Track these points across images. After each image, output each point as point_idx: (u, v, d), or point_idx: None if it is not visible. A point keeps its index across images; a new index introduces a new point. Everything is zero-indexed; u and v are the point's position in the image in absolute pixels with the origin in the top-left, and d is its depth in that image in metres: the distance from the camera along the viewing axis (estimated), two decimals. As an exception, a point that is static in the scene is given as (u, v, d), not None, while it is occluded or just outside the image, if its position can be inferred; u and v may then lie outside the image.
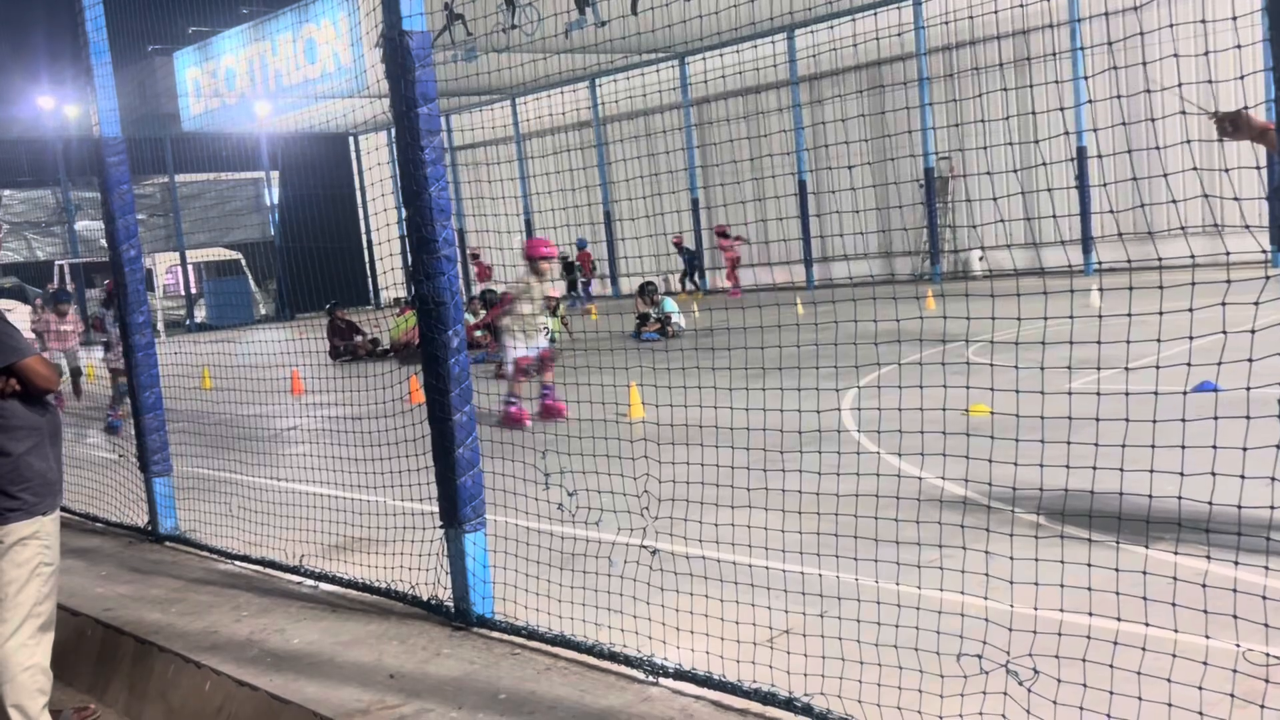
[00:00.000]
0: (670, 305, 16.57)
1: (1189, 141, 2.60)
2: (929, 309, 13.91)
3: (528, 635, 4.25)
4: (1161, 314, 2.75)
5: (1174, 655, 2.83)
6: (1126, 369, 3.37)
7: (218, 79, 36.10)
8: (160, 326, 31.45)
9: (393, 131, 4.50)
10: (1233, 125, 3.83)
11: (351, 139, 36.00)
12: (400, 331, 16.87)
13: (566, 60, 25.96)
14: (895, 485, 4.57)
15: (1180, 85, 2.75)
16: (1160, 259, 2.87)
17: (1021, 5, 18.30)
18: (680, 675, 3.69)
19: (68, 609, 5.34)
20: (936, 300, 15.30)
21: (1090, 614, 3.09)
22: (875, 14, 22.46)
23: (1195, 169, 2.70)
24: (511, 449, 5.00)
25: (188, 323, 32.18)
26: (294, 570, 5.47)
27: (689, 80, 26.63)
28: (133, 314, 6.37)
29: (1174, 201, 2.86)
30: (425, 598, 4.68)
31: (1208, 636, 2.86)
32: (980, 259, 22.87)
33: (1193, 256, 2.76)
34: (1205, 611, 2.73)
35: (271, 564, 5.64)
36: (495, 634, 4.37)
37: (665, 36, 24.63)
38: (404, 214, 4.42)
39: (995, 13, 19.04)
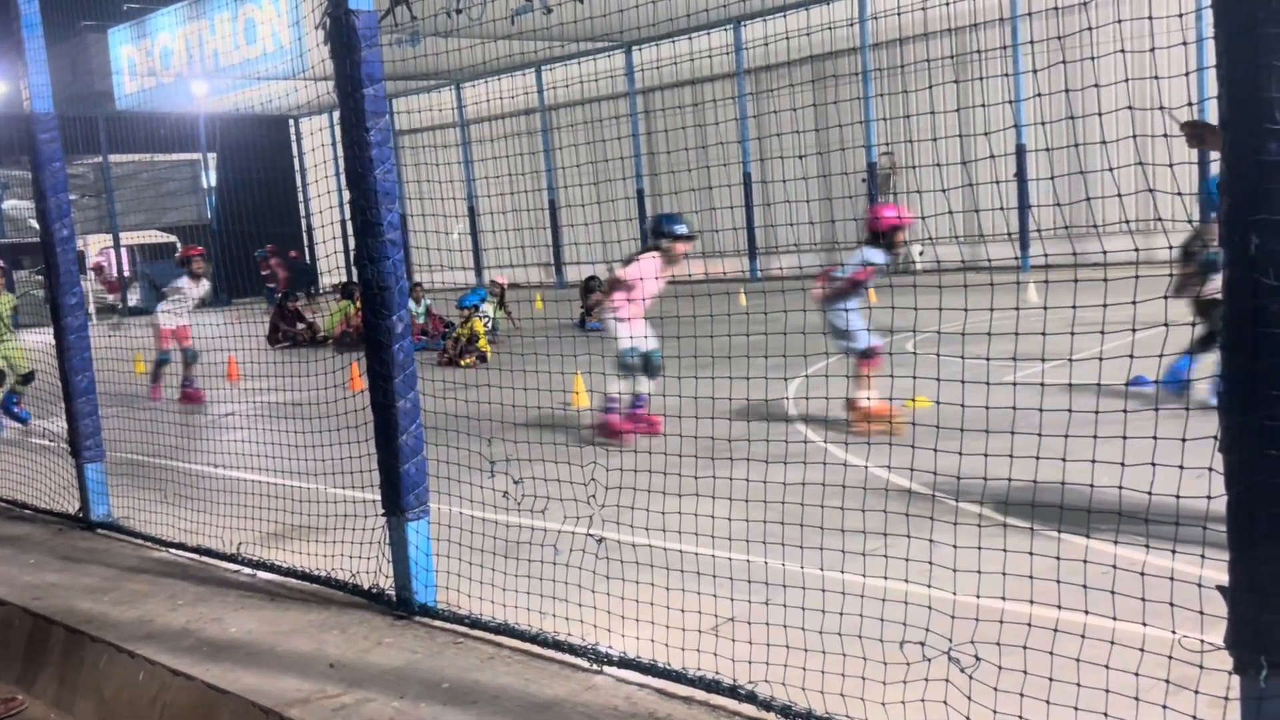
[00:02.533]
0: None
1: (1113, 141, 2.64)
2: (870, 300, 14.03)
3: (471, 624, 4.21)
4: (1106, 306, 2.79)
5: (1111, 642, 2.89)
6: (1070, 360, 3.42)
7: (153, 57, 35.28)
8: (90, 310, 30.75)
9: (335, 114, 4.43)
10: (1197, 136, 3.89)
11: (292, 122, 35.43)
12: (337, 321, 16.64)
13: (512, 46, 25.73)
14: (839, 475, 4.60)
15: (1127, 81, 2.79)
16: (1105, 253, 2.91)
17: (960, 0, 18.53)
18: (625, 664, 3.69)
19: (-6, 598, 5.20)
20: (877, 292, 15.44)
21: (1031, 602, 3.14)
22: (822, 7, 22.60)
23: (1136, 164, 2.73)
24: (455, 436, 4.94)
25: (120, 306, 31.46)
26: (231, 558, 5.37)
27: (635, 70, 26.58)
28: (65, 295, 6.20)
29: (1110, 197, 2.90)
30: (366, 586, 4.62)
31: (1145, 624, 2.92)
32: (920, 253, 23.15)
33: (1136, 250, 2.81)
34: (1143, 599, 2.78)
35: (208, 552, 5.53)
36: (438, 623, 4.33)
37: (612, 23, 24.57)
38: (348, 197, 4.35)
39: (942, 4, 19.28)
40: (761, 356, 3.96)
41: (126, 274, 32.96)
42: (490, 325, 14.64)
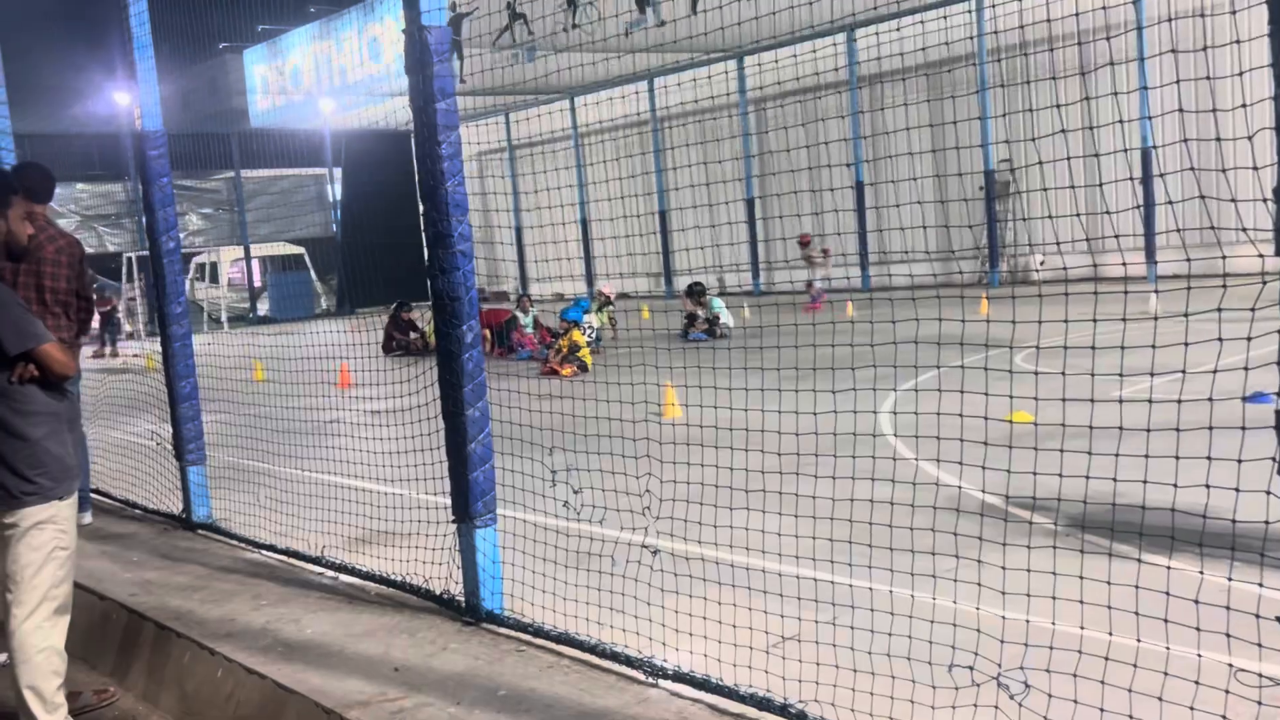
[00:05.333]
0: (718, 305, 16.49)
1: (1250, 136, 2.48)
2: (982, 313, 13.69)
3: (533, 632, 4.24)
4: (1221, 311, 2.62)
5: (1165, 673, 2.73)
6: (1183, 372, 3.25)
7: (284, 76, 36.77)
8: (224, 319, 32.11)
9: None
10: None
11: (413, 137, 36.37)
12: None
13: (622, 59, 25.93)
14: (923, 492, 4.48)
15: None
16: (1224, 274, 2.73)
17: (1087, 12, 17.92)
18: (679, 678, 3.65)
19: (96, 593, 5.45)
20: (991, 304, 15.03)
21: (1111, 634, 3.00)
22: (938, 12, 22.14)
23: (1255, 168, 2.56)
24: (528, 446, 4.98)
25: (250, 315, 32.76)
26: (315, 561, 5.52)
27: (746, 80, 26.50)
28: (170, 304, 6.47)
29: (1235, 200, 2.72)
30: (438, 592, 4.69)
31: (1199, 654, 2.76)
32: (1040, 263, 22.45)
33: (1262, 257, 2.64)
34: (1197, 629, 2.63)
35: (295, 554, 5.69)
36: (503, 630, 4.36)
37: (725, 34, 24.57)
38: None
39: (1063, 17, 18.69)
40: (854, 370, 3.88)
41: (257, 284, 34.31)
42: (593, 336, 14.75)
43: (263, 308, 33.23)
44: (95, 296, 11.55)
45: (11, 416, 4.01)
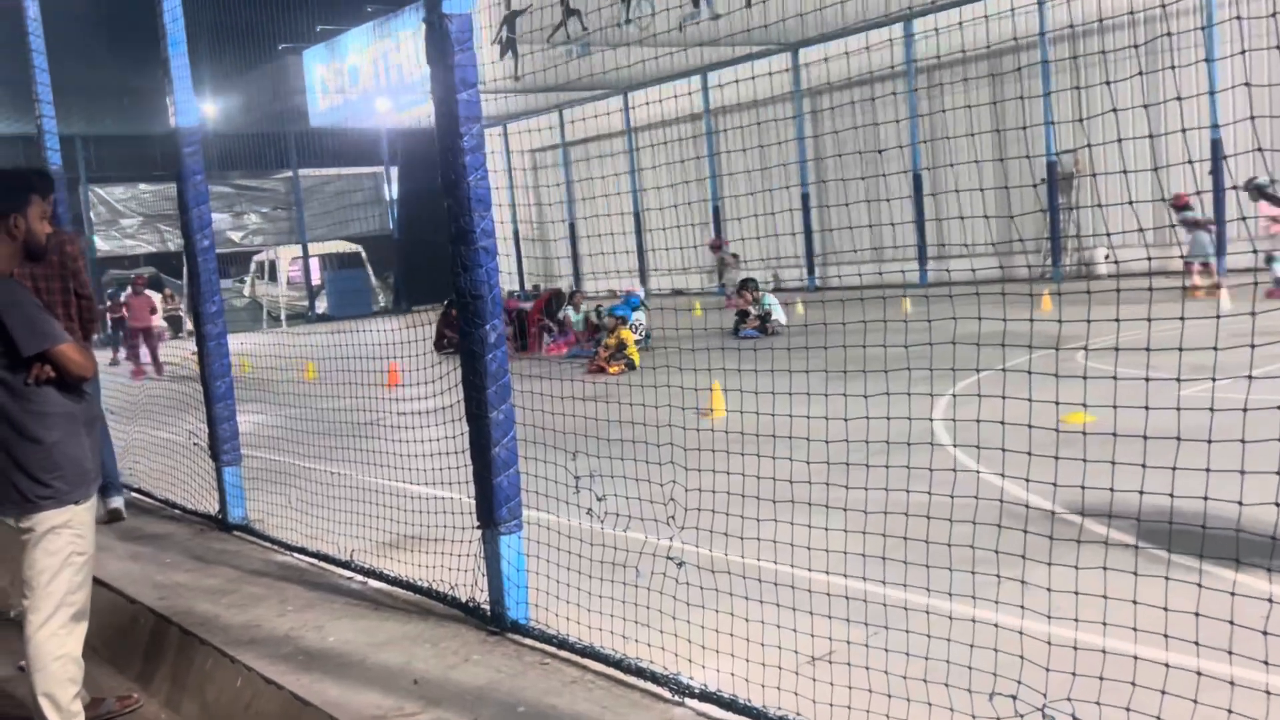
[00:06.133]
0: (770, 301, 16.21)
1: None
2: (1044, 309, 13.26)
3: (558, 644, 4.07)
4: None
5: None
6: (1249, 377, 2.98)
7: (343, 75, 37.07)
8: (283, 317, 32.48)
9: (507, 126, 4.38)
10: None
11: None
12: None
13: (677, 54, 25.71)
14: (975, 497, 4.22)
15: None
16: None
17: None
18: (705, 697, 3.46)
19: (125, 595, 5.40)
20: (1053, 300, 14.60)
21: (1167, 665, 2.75)
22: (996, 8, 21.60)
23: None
24: (544, 449, 4.81)
25: (309, 313, 33.09)
26: (345, 565, 5.41)
27: (801, 72, 26.12)
28: (205, 304, 6.41)
29: None
30: (464, 600, 4.55)
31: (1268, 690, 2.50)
32: (1106, 257, 21.82)
33: None
34: (1265, 663, 2.37)
35: (325, 558, 5.59)
36: (527, 641, 4.20)
37: (780, 26, 24.21)
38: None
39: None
40: (905, 370, 3.66)
41: (316, 282, 34.65)
42: (642, 334, 14.57)
43: (321, 306, 33.54)
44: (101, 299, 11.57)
45: (27, 419, 3.93)
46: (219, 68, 37.15)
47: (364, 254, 35.70)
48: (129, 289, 21.04)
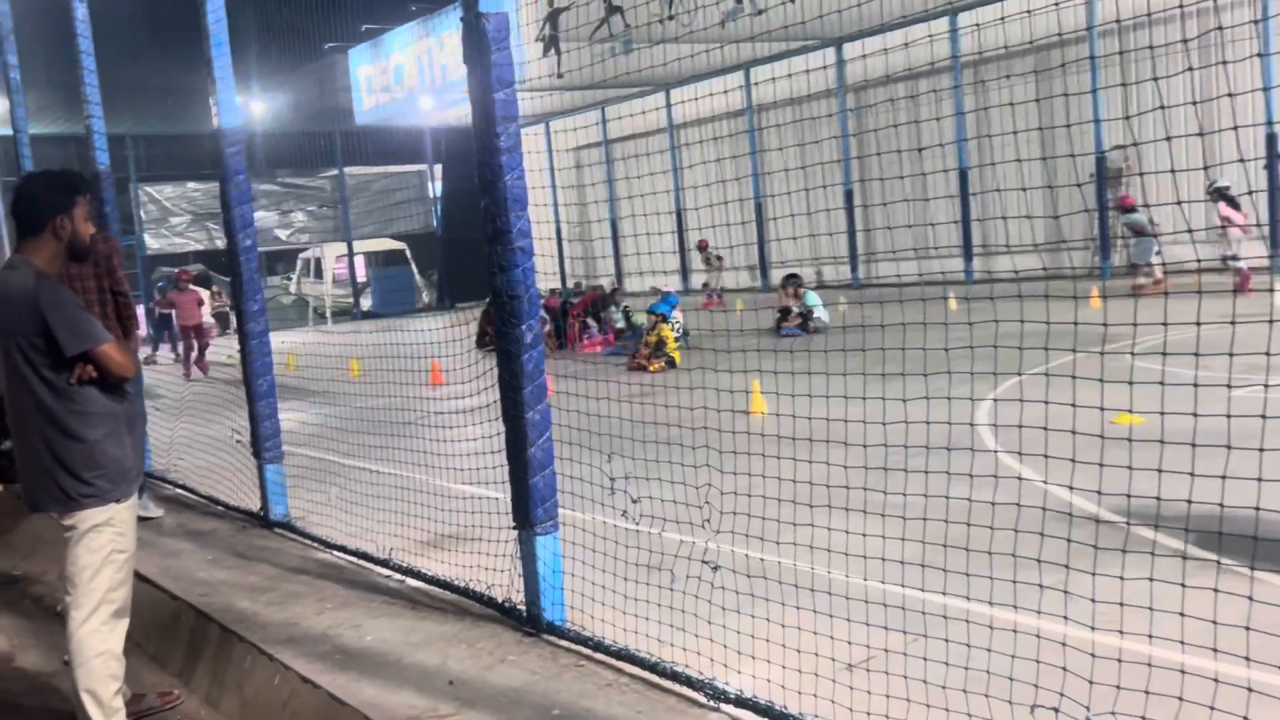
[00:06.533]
0: (813, 299, 16.08)
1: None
2: (1093, 307, 13.04)
3: (594, 646, 4.04)
4: None
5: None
6: None
7: (387, 74, 37.36)
8: (328, 314, 32.77)
9: (550, 124, 4.37)
10: None
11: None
12: None
13: (718, 50, 25.61)
14: (1019, 504, 4.15)
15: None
16: None
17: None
18: (741, 703, 3.42)
19: (168, 592, 5.45)
20: (1101, 298, 14.37)
21: (1216, 678, 2.67)
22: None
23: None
24: (581, 450, 4.79)
25: (354, 311, 33.35)
26: (383, 563, 5.43)
27: (845, 68, 25.90)
28: (247, 302, 6.46)
29: None
30: (500, 600, 4.54)
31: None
32: (1156, 253, 21.44)
33: None
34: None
35: (364, 556, 5.61)
36: (563, 643, 4.18)
37: (824, 21, 24.00)
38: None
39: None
40: (948, 371, 3.59)
41: (360, 280, 34.92)
42: (681, 331, 14.52)
43: (366, 303, 33.79)
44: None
45: (70, 418, 3.98)
46: (267, 67, 37.60)
47: (408, 252, 35.91)
48: (175, 285, 20.69)
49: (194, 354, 18.77)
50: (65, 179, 4.26)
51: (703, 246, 25.61)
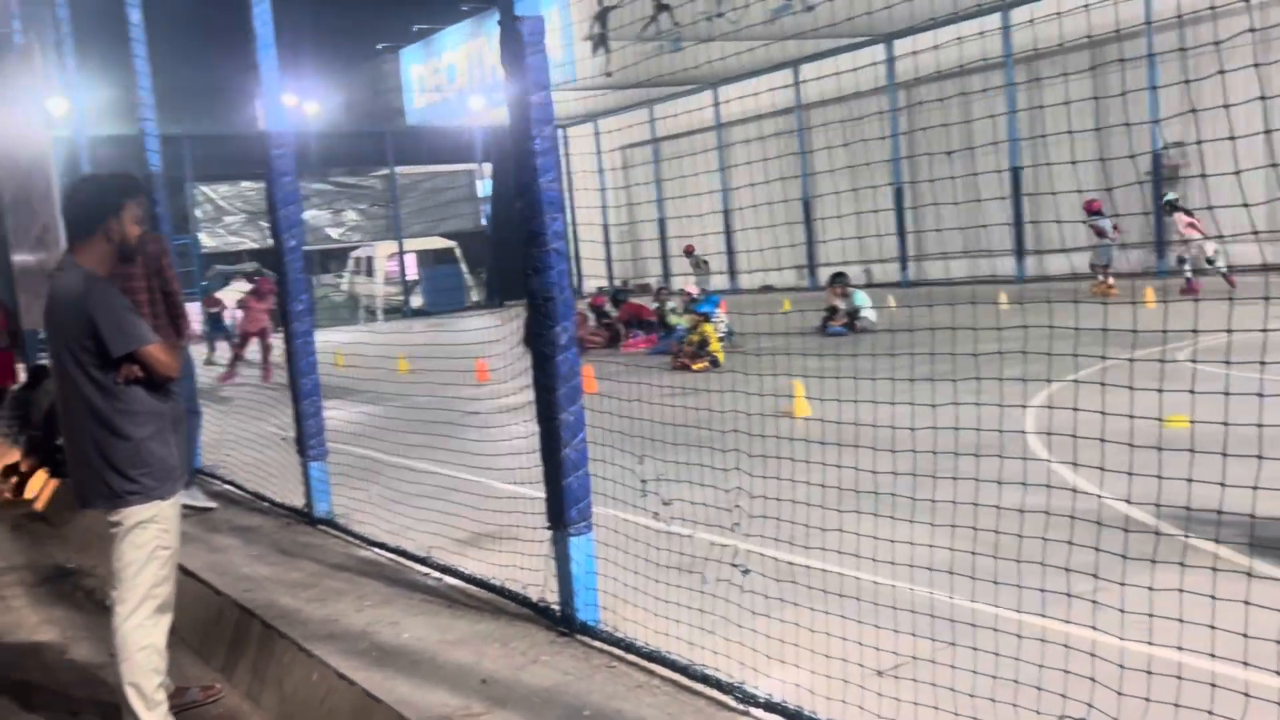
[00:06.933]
0: (861, 299, 15.96)
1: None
2: (1148, 306, 12.81)
3: (625, 647, 4.06)
4: None
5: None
6: None
7: (439, 74, 37.69)
8: (379, 312, 33.12)
9: (600, 122, 4.39)
10: None
11: (560, 131, 36.72)
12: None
13: (766, 47, 25.49)
14: (1073, 517, 4.09)
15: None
16: None
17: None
18: (770, 707, 3.42)
19: (212, 587, 5.55)
20: (1158, 298, 14.11)
21: (1246, 692, 2.63)
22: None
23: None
24: (610, 451, 4.80)
25: (405, 309, 33.68)
26: (423, 561, 5.48)
27: (895, 65, 25.67)
28: (292, 302, 6.55)
29: None
30: (535, 600, 4.57)
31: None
32: (1215, 251, 20.99)
33: None
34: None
35: (404, 553, 5.68)
36: (596, 643, 4.20)
37: (873, 17, 23.79)
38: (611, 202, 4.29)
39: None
40: (995, 377, 3.55)
41: (411, 278, 35.26)
42: (726, 330, 14.48)
43: (416, 301, 34.10)
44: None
45: (116, 416, 4.07)
46: (320, 68, 38.08)
47: (458, 250, 36.19)
48: (250, 288, 18.76)
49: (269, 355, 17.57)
50: (114, 182, 4.35)
51: (689, 251, 26.32)
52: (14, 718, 4.77)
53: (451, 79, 36.08)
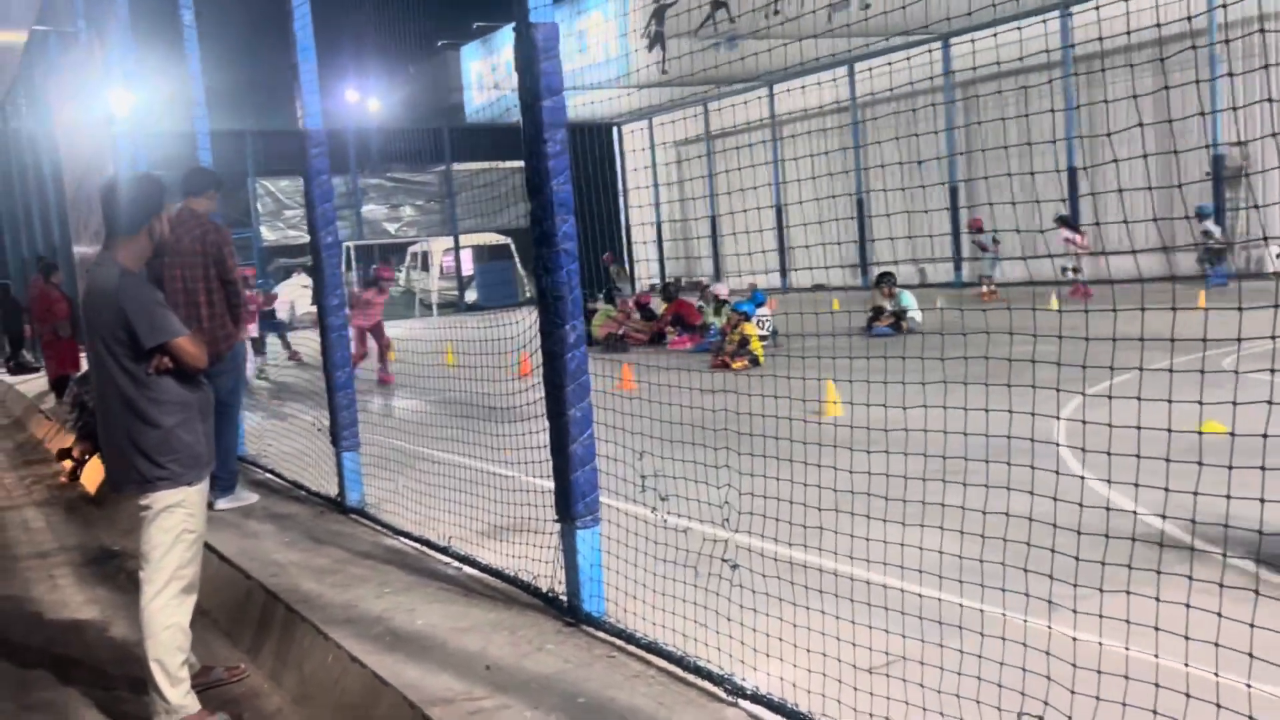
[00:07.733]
0: (908, 300, 15.88)
1: None
2: (1201, 304, 12.62)
3: (625, 638, 4.17)
4: None
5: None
6: None
7: (498, 71, 38.07)
8: (434, 305, 33.56)
9: (654, 119, 4.49)
10: None
11: (615, 129, 36.90)
12: (599, 325, 17.09)
13: (825, 43, 25.39)
14: (1087, 512, 4.10)
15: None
16: None
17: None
18: (758, 699, 3.50)
19: (243, 571, 5.75)
20: (1211, 300, 13.87)
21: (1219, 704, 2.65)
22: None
23: None
24: (615, 448, 4.90)
25: (460, 303, 34.10)
26: (443, 550, 5.63)
27: (952, 62, 25.42)
28: (328, 297, 6.75)
29: None
30: (545, 590, 4.69)
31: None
32: (1277, 255, 20.53)
33: None
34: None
35: (426, 542, 5.83)
36: (600, 634, 4.31)
37: (931, 15, 23.59)
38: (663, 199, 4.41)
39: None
40: (1029, 384, 3.56)
41: (467, 273, 35.69)
42: (768, 329, 14.51)
43: (471, 295, 34.49)
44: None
45: (146, 405, 4.27)
46: (381, 64, 38.66)
47: (513, 245, 36.52)
48: (371, 277, 15.70)
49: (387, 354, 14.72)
50: (159, 182, 4.57)
51: (609, 261, 27.85)
52: (53, 691, 5.00)
53: (510, 75, 36.43)
